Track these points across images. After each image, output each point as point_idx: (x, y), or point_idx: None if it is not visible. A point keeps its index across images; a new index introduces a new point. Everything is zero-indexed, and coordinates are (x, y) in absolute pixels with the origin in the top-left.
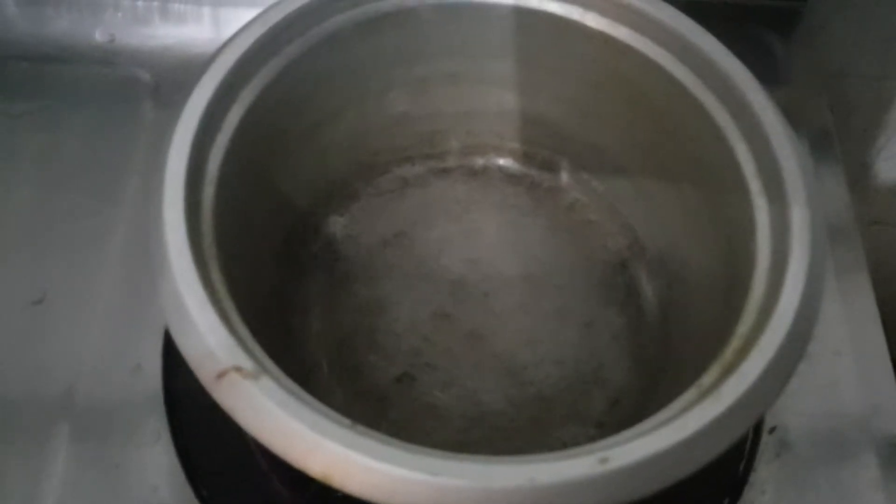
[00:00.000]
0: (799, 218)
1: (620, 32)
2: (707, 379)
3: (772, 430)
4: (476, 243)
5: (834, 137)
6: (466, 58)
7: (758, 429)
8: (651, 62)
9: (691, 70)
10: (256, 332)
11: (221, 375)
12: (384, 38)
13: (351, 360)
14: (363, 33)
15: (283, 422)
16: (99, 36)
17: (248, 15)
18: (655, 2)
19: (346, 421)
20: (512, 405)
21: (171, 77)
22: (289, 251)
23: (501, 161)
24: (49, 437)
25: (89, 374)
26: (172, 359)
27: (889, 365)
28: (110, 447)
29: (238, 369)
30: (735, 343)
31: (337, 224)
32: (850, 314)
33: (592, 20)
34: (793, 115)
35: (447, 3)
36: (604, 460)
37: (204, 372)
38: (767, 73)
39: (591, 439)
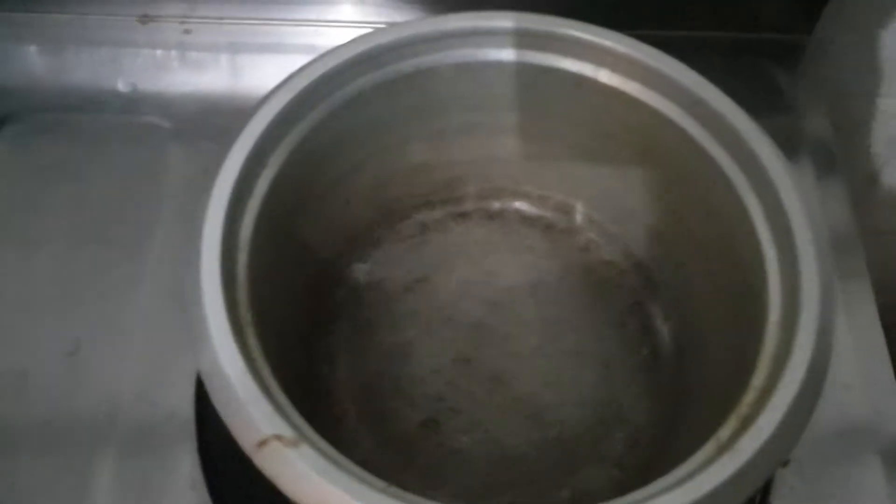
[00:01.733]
0: (808, 272)
1: (631, 87)
2: (724, 432)
3: (786, 463)
4: (495, 286)
5: (836, 156)
6: (483, 110)
7: None
8: (661, 115)
9: (700, 123)
10: (287, 385)
11: (263, 444)
12: (403, 96)
13: (377, 407)
14: (384, 93)
15: (323, 488)
16: (121, 85)
17: (265, 60)
18: (665, 58)
19: (381, 483)
20: (534, 448)
21: (191, 124)
22: (314, 300)
23: (517, 204)
24: (86, 485)
25: (124, 423)
26: (204, 406)
27: (891, 373)
28: (146, 496)
29: (279, 437)
30: (750, 395)
31: (360, 271)
32: (852, 324)
33: (605, 76)
34: (797, 139)
35: (465, 63)
36: None
37: (246, 440)
38: (773, 104)
39: (612, 480)
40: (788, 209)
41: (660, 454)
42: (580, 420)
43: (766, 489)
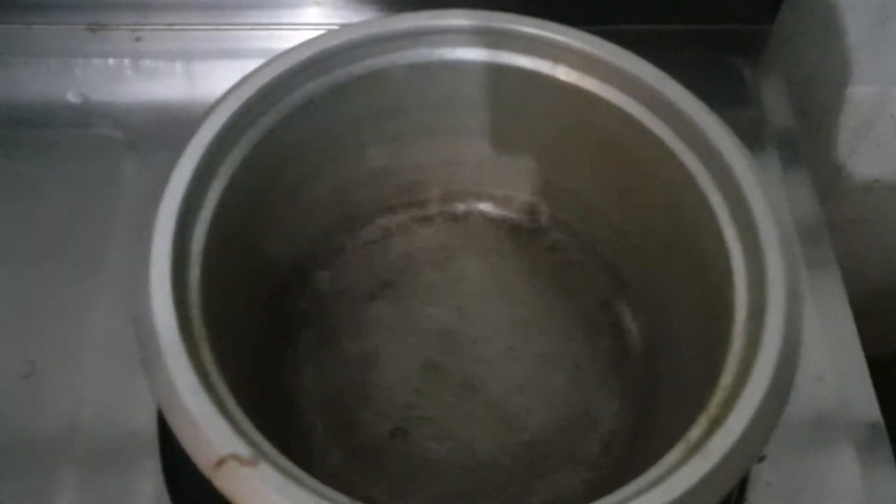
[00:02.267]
0: (774, 268)
1: (590, 84)
2: (694, 433)
3: (761, 459)
4: (461, 290)
5: (801, 146)
6: (440, 111)
7: None
8: (621, 111)
9: (661, 119)
10: (249, 398)
11: (220, 464)
12: (358, 99)
13: (344, 418)
14: (336, 97)
15: None
16: (71, 97)
17: (220, 66)
18: (622, 53)
19: (344, 499)
20: (506, 453)
21: (146, 134)
22: (276, 310)
23: (482, 206)
24: None
25: (84, 444)
26: (167, 426)
27: (871, 387)
28: None
29: (236, 457)
30: (719, 395)
31: (324, 279)
32: (822, 313)
33: (562, 73)
34: (762, 130)
35: (418, 63)
36: None
37: (202, 460)
38: (737, 95)
39: (585, 483)
40: (752, 206)
41: (632, 454)
42: (552, 423)
43: (741, 485)
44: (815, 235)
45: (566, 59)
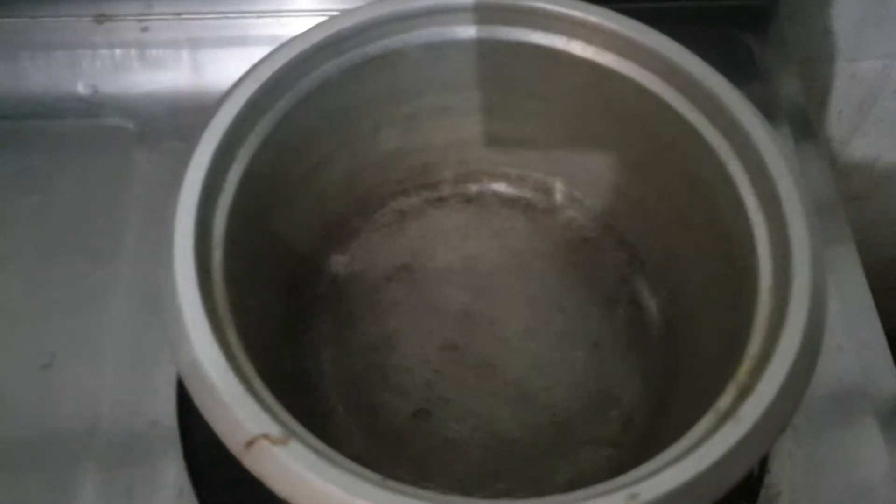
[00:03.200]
0: (798, 235)
1: (606, 59)
2: (723, 402)
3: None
4: (478, 270)
5: (812, 122)
6: (454, 91)
7: None
8: (639, 86)
9: (679, 91)
10: (271, 383)
11: (250, 444)
12: (372, 80)
13: (366, 400)
14: (351, 78)
15: (316, 485)
16: (81, 88)
17: (227, 54)
18: (639, 26)
19: (377, 477)
20: (528, 432)
21: (155, 124)
22: (294, 295)
23: (495, 186)
24: (71, 499)
25: (105, 433)
26: (187, 413)
27: (882, 334)
28: None
29: (266, 436)
30: (747, 364)
31: (339, 263)
32: (840, 291)
33: (578, 48)
34: (773, 106)
35: (433, 42)
36: (633, 496)
37: (233, 441)
38: (746, 71)
39: (609, 460)
40: (774, 174)
41: (654, 431)
42: (572, 401)
43: (763, 457)
44: (830, 209)
45: (581, 35)
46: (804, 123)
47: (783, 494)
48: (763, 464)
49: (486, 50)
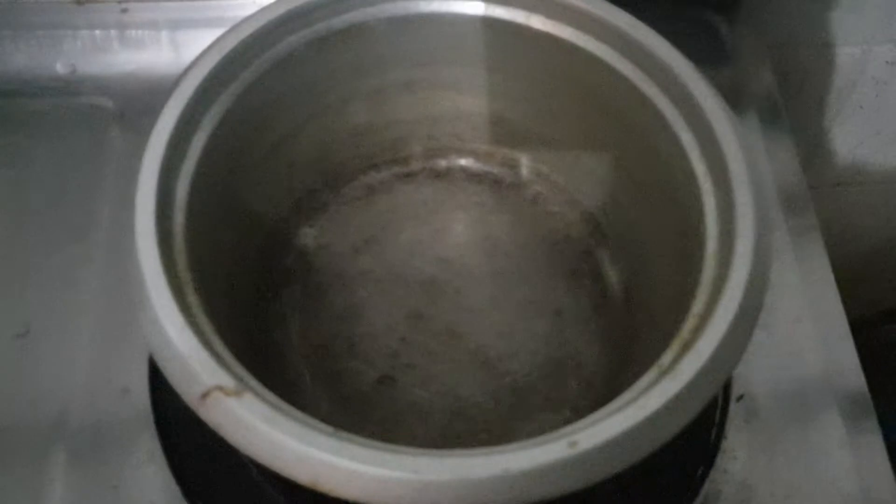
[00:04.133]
0: (742, 200)
1: (565, 32)
2: (665, 358)
3: (739, 398)
4: (445, 243)
5: (782, 108)
6: (421, 66)
7: (726, 397)
8: (596, 59)
9: (634, 64)
10: (238, 350)
11: (205, 395)
12: (338, 53)
13: (332, 367)
14: (317, 51)
15: (268, 435)
16: (60, 68)
17: (205, 35)
18: (596, 1)
19: (329, 428)
20: (490, 397)
21: (134, 103)
22: (263, 266)
23: (463, 161)
24: (45, 464)
25: (79, 401)
26: (159, 380)
27: (846, 325)
28: (106, 470)
29: (221, 388)
30: (690, 322)
31: (308, 236)
32: (806, 279)
33: (538, 22)
34: (740, 92)
35: (398, 16)
36: (573, 444)
37: (188, 393)
38: (714, 54)
39: (568, 422)
40: (722, 142)
41: (612, 394)
42: (534, 368)
43: (721, 423)
44: (798, 201)
45: (541, 9)
46: (773, 109)
47: (738, 460)
48: (720, 431)
49: (449, 24)
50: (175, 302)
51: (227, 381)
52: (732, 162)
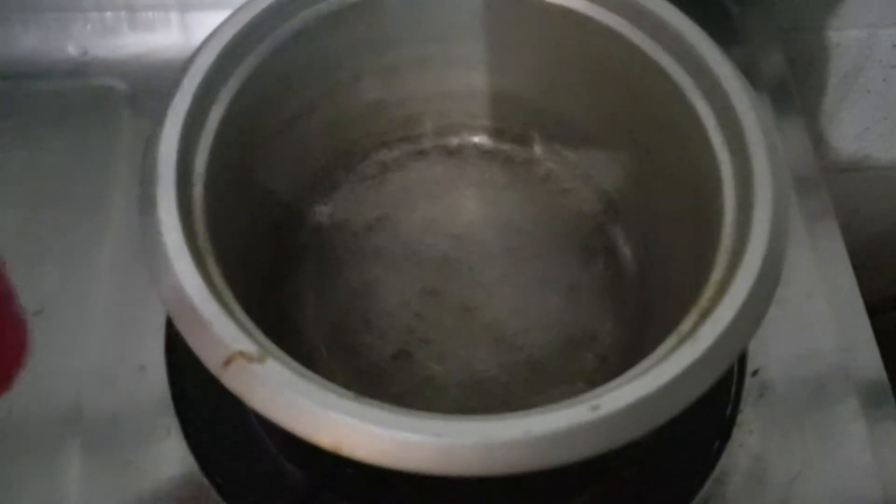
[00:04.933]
0: (760, 167)
1: (577, 4)
2: (685, 325)
3: (754, 372)
4: (458, 220)
5: (793, 90)
6: (433, 42)
7: (741, 372)
8: (609, 30)
9: (648, 35)
10: (256, 324)
11: (228, 362)
12: (351, 28)
13: (347, 342)
14: (330, 26)
15: (291, 400)
16: (71, 49)
17: (215, 17)
18: None
19: (350, 393)
20: (505, 371)
21: (145, 85)
22: (278, 243)
23: (475, 139)
24: (62, 441)
25: (95, 378)
26: (175, 356)
27: (861, 305)
28: (123, 446)
29: (243, 354)
30: (709, 290)
31: (322, 213)
32: (820, 259)
33: None
34: (751, 73)
35: None
36: (595, 408)
37: (211, 360)
38: (724, 34)
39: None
40: (738, 110)
41: (626, 367)
42: (548, 342)
43: (737, 397)
44: (811, 184)
45: None
46: (784, 91)
47: (754, 434)
48: (736, 406)
49: None
50: (197, 269)
51: (249, 346)
52: (749, 130)
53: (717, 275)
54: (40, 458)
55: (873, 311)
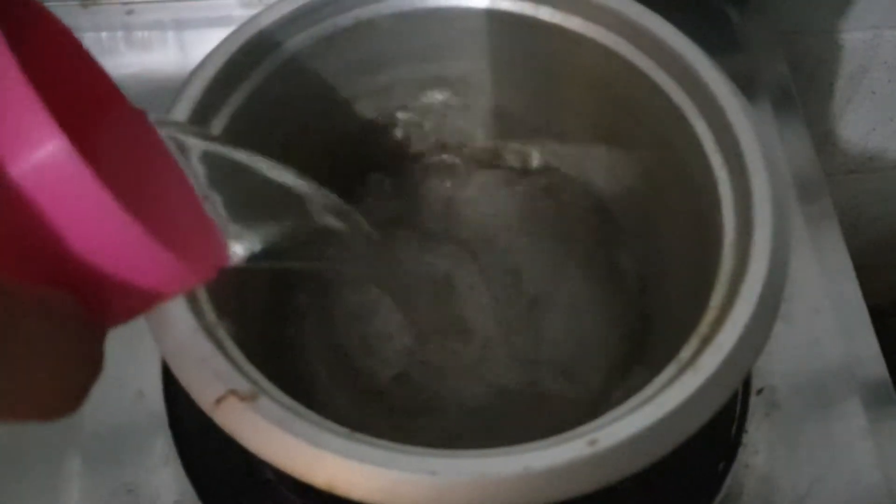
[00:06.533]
0: (759, 188)
1: (574, 23)
2: (685, 353)
3: (759, 391)
4: (457, 238)
5: (795, 96)
6: (428, 61)
7: (746, 391)
8: (606, 49)
9: (645, 53)
10: (252, 350)
11: (220, 400)
12: (345, 51)
13: (347, 365)
14: (324, 49)
15: (284, 439)
16: None
17: (211, 35)
18: None
19: (344, 430)
20: (506, 393)
21: (142, 104)
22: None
23: (473, 157)
24: (61, 468)
25: (93, 404)
26: (173, 383)
27: (867, 318)
28: (121, 473)
29: (235, 393)
30: (710, 315)
31: None
32: (824, 268)
33: (546, 14)
34: (753, 80)
35: (404, 12)
36: (593, 442)
37: (203, 399)
38: (726, 42)
39: (586, 415)
40: (736, 129)
41: (628, 384)
42: (550, 363)
43: (741, 417)
44: (814, 189)
45: (549, 0)
46: (786, 97)
47: (760, 454)
48: (741, 425)
49: (457, 18)
50: (188, 307)
51: (241, 385)
52: (748, 150)
53: (716, 299)
54: (40, 483)
55: (881, 313)
